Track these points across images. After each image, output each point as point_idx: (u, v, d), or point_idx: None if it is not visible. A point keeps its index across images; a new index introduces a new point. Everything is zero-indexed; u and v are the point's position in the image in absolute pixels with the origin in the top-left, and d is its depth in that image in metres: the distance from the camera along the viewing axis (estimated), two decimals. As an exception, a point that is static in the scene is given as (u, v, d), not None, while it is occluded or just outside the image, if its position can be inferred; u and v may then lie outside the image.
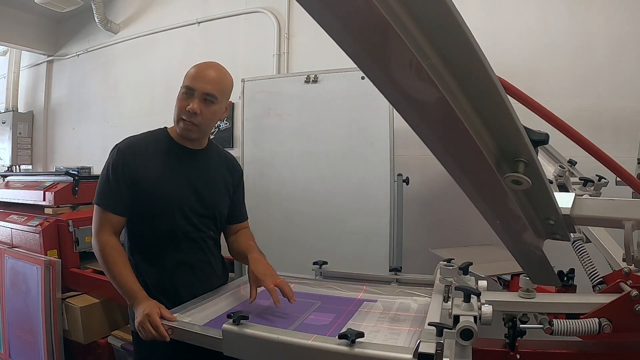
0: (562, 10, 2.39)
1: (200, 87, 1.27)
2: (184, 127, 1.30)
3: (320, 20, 0.43)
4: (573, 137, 1.25)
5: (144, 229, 1.33)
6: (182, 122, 1.30)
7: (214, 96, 1.29)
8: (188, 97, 1.27)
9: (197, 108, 1.27)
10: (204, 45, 3.54)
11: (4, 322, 2.49)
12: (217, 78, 1.31)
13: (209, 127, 1.37)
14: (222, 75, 1.34)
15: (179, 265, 1.34)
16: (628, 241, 0.82)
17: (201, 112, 1.28)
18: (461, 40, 0.46)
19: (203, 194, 1.37)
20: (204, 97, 1.28)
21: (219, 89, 1.31)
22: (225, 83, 1.35)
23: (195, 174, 1.37)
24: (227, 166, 1.49)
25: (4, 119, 4.71)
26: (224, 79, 1.34)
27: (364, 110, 2.33)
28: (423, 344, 0.76)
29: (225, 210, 1.46)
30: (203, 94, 1.27)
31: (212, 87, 1.28)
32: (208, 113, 1.30)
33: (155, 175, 1.31)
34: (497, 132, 0.58)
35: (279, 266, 1.68)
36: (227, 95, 1.36)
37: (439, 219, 2.69)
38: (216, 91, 1.29)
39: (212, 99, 1.29)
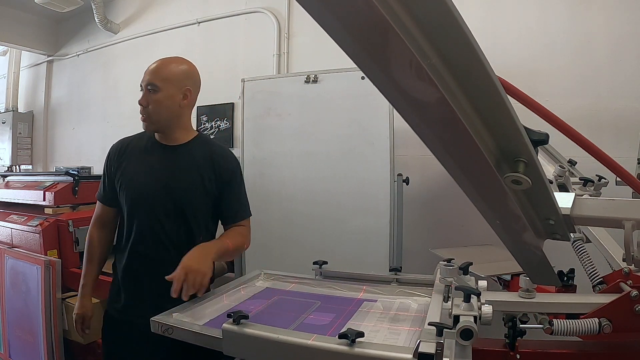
0: (562, 10, 2.39)
1: (145, 79, 1.35)
2: (142, 122, 1.39)
3: (320, 20, 0.43)
4: (573, 137, 1.25)
5: (121, 222, 1.45)
6: (141, 117, 1.38)
7: (154, 84, 1.34)
8: (142, 93, 1.36)
9: (143, 100, 1.34)
10: (204, 45, 3.54)
11: (4, 322, 2.49)
12: (156, 68, 1.36)
13: (160, 116, 1.37)
14: (165, 64, 1.37)
15: (143, 261, 1.37)
16: (628, 241, 0.82)
17: (147, 103, 1.34)
18: (461, 40, 0.46)
19: (174, 190, 1.37)
20: (147, 89, 1.35)
21: (159, 77, 1.34)
22: (167, 70, 1.36)
23: (167, 170, 1.39)
24: (212, 162, 1.42)
25: (4, 119, 4.71)
26: (165, 67, 1.37)
27: (364, 110, 2.33)
28: (423, 343, 0.76)
29: (201, 208, 1.40)
30: (145, 86, 1.35)
31: (151, 77, 1.34)
32: (152, 102, 1.35)
33: (131, 171, 1.41)
34: (497, 132, 0.58)
35: (279, 266, 1.69)
36: (173, 82, 1.36)
37: (439, 219, 2.69)
38: (156, 80, 1.34)
39: (154, 88, 1.34)
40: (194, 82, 1.44)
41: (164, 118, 1.38)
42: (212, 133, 3.42)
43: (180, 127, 1.43)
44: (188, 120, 1.47)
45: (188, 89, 1.40)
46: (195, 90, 1.45)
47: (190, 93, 1.41)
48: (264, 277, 1.52)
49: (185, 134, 1.44)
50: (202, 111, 3.48)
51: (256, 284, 1.47)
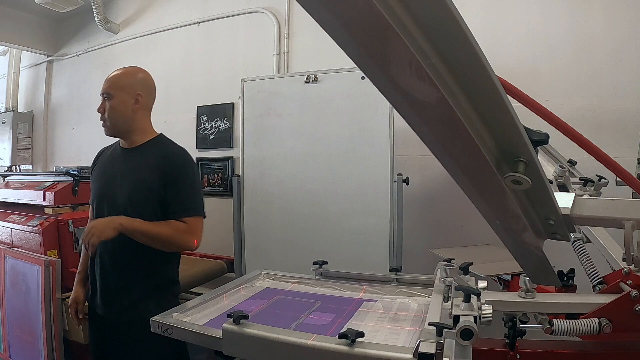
0: (562, 11, 2.39)
1: (102, 88, 1.51)
2: (104, 128, 1.54)
3: (320, 20, 0.43)
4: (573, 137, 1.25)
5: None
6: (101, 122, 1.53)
7: (108, 93, 1.50)
8: (102, 100, 1.51)
9: (100, 108, 1.51)
10: (204, 45, 3.54)
11: (4, 322, 2.49)
12: (110, 78, 1.53)
13: (115, 120, 1.50)
14: (117, 74, 1.53)
15: (99, 259, 1.51)
16: (628, 241, 0.82)
17: (103, 110, 1.51)
18: (461, 40, 0.46)
19: (121, 191, 1.48)
20: (104, 98, 1.51)
21: (111, 85, 1.51)
22: (118, 78, 1.52)
23: (119, 171, 1.53)
24: (158, 162, 1.47)
25: (4, 119, 4.71)
26: (117, 76, 1.53)
27: (364, 110, 2.33)
28: (423, 343, 0.76)
29: (146, 207, 1.45)
30: (102, 95, 1.51)
31: (105, 87, 1.51)
32: (107, 109, 1.50)
33: (95, 175, 1.61)
34: (497, 132, 0.58)
35: (279, 266, 1.69)
36: (124, 88, 1.50)
37: (439, 219, 2.69)
38: (108, 88, 1.50)
39: (107, 96, 1.50)
40: (146, 87, 1.55)
41: (119, 122, 1.51)
42: (212, 133, 3.42)
43: (136, 130, 1.54)
44: (143, 122, 1.56)
45: (139, 94, 1.52)
46: (148, 94, 1.55)
47: (142, 97, 1.52)
48: (264, 277, 1.52)
49: (142, 136, 1.55)
50: (202, 111, 3.48)
51: (256, 284, 1.47)
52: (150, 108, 1.59)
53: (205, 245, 1.41)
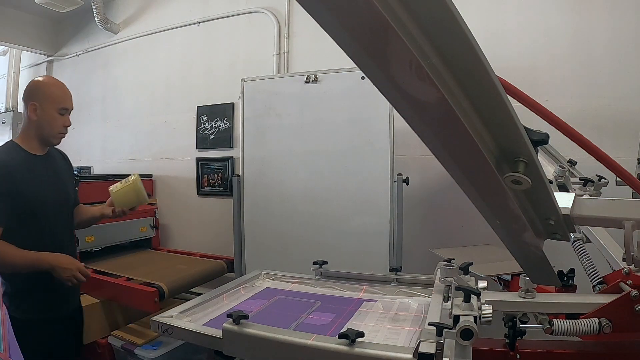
0: (562, 10, 2.39)
1: (72, 105, 1.68)
2: (60, 138, 1.63)
3: (320, 20, 0.43)
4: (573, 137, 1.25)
5: (22, 234, 1.49)
6: (60, 135, 1.62)
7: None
8: (63, 115, 1.62)
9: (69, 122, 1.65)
10: (204, 45, 3.54)
11: (4, 322, 2.49)
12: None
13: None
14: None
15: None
16: (628, 241, 0.82)
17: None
18: (461, 40, 0.46)
19: (65, 190, 1.67)
20: (69, 113, 1.66)
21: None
22: None
23: (55, 175, 1.64)
24: (65, 159, 1.78)
25: (4, 119, 4.70)
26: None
27: (364, 110, 2.33)
28: (423, 343, 0.76)
29: (73, 199, 1.74)
30: (70, 111, 1.67)
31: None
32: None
33: (33, 184, 1.53)
34: (497, 132, 0.58)
35: (279, 266, 1.69)
36: None
37: (439, 219, 2.69)
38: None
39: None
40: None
41: None
42: (212, 133, 3.42)
43: None
44: None
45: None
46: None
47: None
48: (264, 277, 1.52)
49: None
50: (202, 111, 3.48)
51: (256, 284, 1.47)
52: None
53: (205, 245, 1.41)
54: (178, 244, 3.51)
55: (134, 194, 1.68)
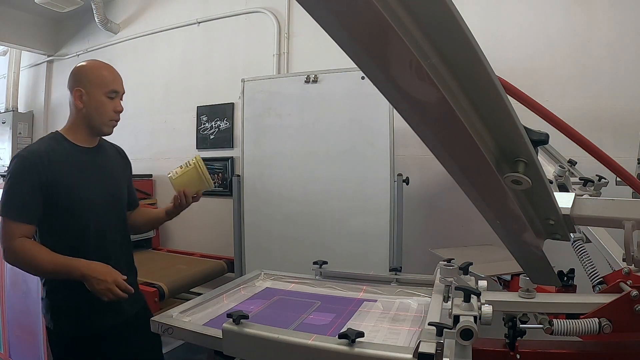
0: (561, 10, 2.40)
1: (122, 88, 1.44)
2: (112, 126, 1.44)
3: (320, 20, 0.43)
4: (573, 137, 1.25)
5: (62, 235, 1.33)
6: (111, 123, 1.42)
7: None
8: (113, 100, 1.40)
9: (121, 107, 1.43)
10: (204, 45, 3.54)
11: (4, 322, 2.49)
12: (119, 77, 1.46)
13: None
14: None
15: (110, 261, 1.34)
16: (628, 241, 0.82)
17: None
18: (461, 40, 0.46)
19: (116, 188, 1.49)
20: (120, 97, 1.44)
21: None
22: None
23: (104, 171, 1.46)
24: (121, 155, 1.61)
25: (4, 119, 4.71)
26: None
27: (364, 110, 2.33)
28: (423, 343, 0.76)
29: (126, 199, 1.57)
30: (122, 94, 1.45)
31: (122, 87, 1.45)
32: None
33: (73, 179, 1.34)
34: (497, 132, 0.58)
35: (279, 266, 1.69)
36: None
37: (439, 219, 2.69)
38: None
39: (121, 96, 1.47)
40: None
41: None
42: (212, 133, 3.42)
43: None
44: None
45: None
46: None
47: None
48: (264, 277, 1.52)
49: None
50: (202, 111, 3.48)
51: (256, 284, 1.47)
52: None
53: (205, 245, 1.41)
54: (178, 244, 3.51)
55: (197, 178, 1.48)
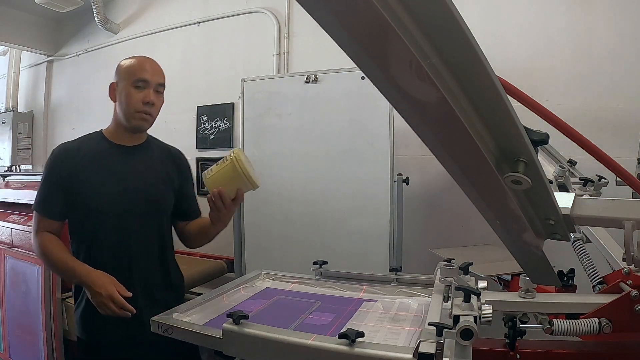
0: (562, 10, 2.40)
1: (155, 78, 1.32)
2: (140, 119, 1.32)
3: (320, 20, 0.43)
4: (573, 137, 1.25)
5: (80, 233, 1.32)
6: (138, 115, 1.31)
7: (163, 85, 1.36)
8: (141, 90, 1.30)
9: (155, 98, 1.32)
10: (204, 45, 3.54)
11: (4, 322, 2.49)
12: (158, 68, 1.38)
13: (155, 118, 1.40)
14: (158, 64, 1.40)
15: (131, 270, 1.31)
16: (628, 241, 0.82)
17: (155, 103, 1.33)
18: (461, 40, 0.46)
19: (152, 192, 1.36)
20: (156, 88, 1.33)
21: (164, 78, 1.38)
22: (162, 70, 1.41)
23: (139, 172, 1.36)
24: (173, 158, 1.47)
25: (4, 119, 4.71)
26: (161, 68, 1.40)
27: (364, 110, 2.33)
28: (423, 343, 0.76)
29: (169, 206, 1.43)
30: (157, 84, 1.33)
31: (163, 78, 1.36)
32: (159, 103, 1.37)
33: (96, 177, 1.30)
34: (497, 132, 0.58)
35: (279, 266, 1.69)
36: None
37: (439, 219, 2.69)
38: (163, 80, 1.37)
39: (162, 89, 1.36)
40: None
41: (155, 118, 1.40)
42: (212, 133, 3.42)
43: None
44: None
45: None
46: None
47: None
48: (264, 277, 1.52)
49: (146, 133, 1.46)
50: (202, 111, 3.48)
51: (256, 284, 1.47)
52: None
53: (206, 246, 1.41)
54: (178, 244, 3.51)
55: (235, 176, 1.18)
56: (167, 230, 1.44)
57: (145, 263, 1.35)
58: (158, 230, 1.39)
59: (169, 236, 1.46)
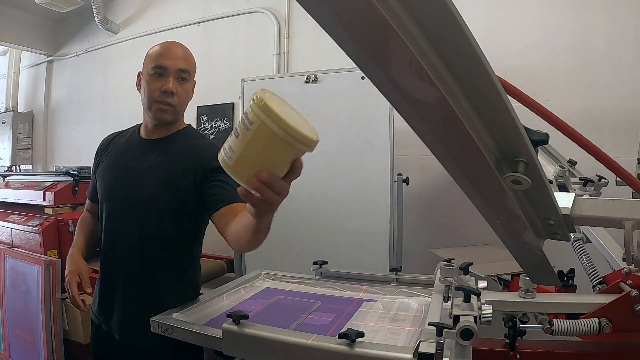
0: (562, 10, 2.39)
1: (173, 64, 1.19)
2: (159, 109, 1.20)
3: (320, 20, 0.43)
4: (573, 137, 1.25)
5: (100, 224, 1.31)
6: (156, 105, 1.19)
7: (188, 72, 1.23)
8: (159, 78, 1.19)
9: (173, 87, 1.19)
10: (204, 45, 3.54)
11: (4, 322, 2.49)
12: (186, 53, 1.24)
13: (183, 107, 1.27)
14: (189, 52, 1.27)
15: (125, 271, 1.23)
16: (628, 241, 0.82)
17: (177, 91, 1.20)
18: (461, 40, 0.46)
19: (150, 186, 1.19)
20: (178, 75, 1.20)
21: (190, 64, 1.25)
22: (193, 59, 1.28)
23: (138, 165, 1.23)
24: (198, 154, 1.22)
25: (4, 119, 4.71)
26: (191, 55, 1.27)
27: (364, 110, 2.33)
28: (423, 343, 0.76)
29: (165, 205, 1.20)
30: (177, 71, 1.20)
31: (185, 63, 1.22)
32: (183, 92, 1.22)
33: (106, 166, 1.30)
34: (497, 132, 0.58)
35: (279, 266, 1.69)
36: (194, 72, 1.28)
37: (439, 219, 2.69)
38: (189, 67, 1.23)
39: (186, 76, 1.23)
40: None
41: (183, 109, 1.28)
42: (212, 133, 3.42)
43: (179, 121, 1.31)
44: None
45: (195, 81, 1.30)
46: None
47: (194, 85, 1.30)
48: (264, 277, 1.52)
49: (175, 125, 1.31)
50: (202, 111, 3.48)
51: (256, 284, 1.47)
52: None
53: (206, 246, 1.41)
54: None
55: (278, 142, 0.68)
56: (170, 230, 1.22)
57: (143, 265, 1.21)
58: (166, 229, 1.21)
59: (174, 237, 1.23)
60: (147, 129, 1.30)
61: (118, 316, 1.23)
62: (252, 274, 1.52)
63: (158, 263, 1.22)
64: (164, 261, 1.22)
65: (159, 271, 1.22)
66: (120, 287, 1.24)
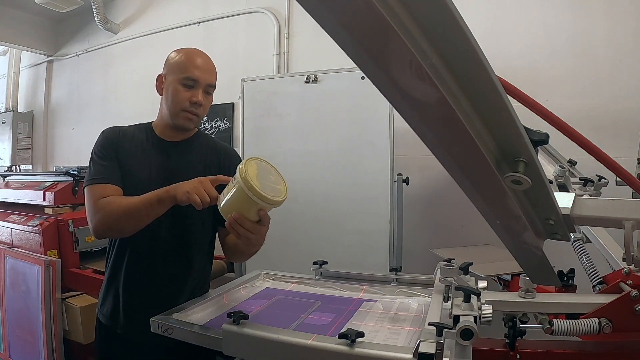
0: (563, 10, 2.40)
1: (205, 78, 1.25)
2: (186, 118, 1.25)
3: (320, 20, 0.43)
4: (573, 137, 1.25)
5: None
6: (184, 114, 1.24)
7: (214, 87, 1.29)
8: (190, 88, 1.23)
9: (203, 99, 1.25)
10: (204, 45, 3.52)
11: (4, 322, 2.49)
12: (214, 67, 1.31)
13: (203, 117, 1.34)
14: (212, 62, 1.33)
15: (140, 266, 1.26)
16: (628, 241, 0.82)
17: (203, 104, 1.26)
18: (461, 40, 0.46)
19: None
20: (206, 89, 1.26)
21: (216, 78, 1.31)
22: (215, 69, 1.33)
23: (165, 169, 1.27)
24: (217, 160, 1.34)
25: (4, 119, 4.71)
26: (214, 66, 1.33)
27: (364, 110, 2.33)
28: (423, 343, 0.76)
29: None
30: (207, 85, 1.26)
31: (214, 78, 1.29)
32: (207, 104, 1.29)
33: (129, 165, 1.26)
34: (497, 132, 0.58)
35: (279, 266, 1.69)
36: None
37: (439, 219, 2.69)
38: (215, 81, 1.30)
39: (212, 90, 1.29)
40: None
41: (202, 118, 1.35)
42: (212, 133, 3.42)
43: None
44: None
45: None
46: None
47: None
48: (264, 277, 1.52)
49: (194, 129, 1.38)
50: (202, 111, 3.48)
51: (256, 284, 1.47)
52: None
53: (205, 246, 1.40)
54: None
55: (249, 200, 1.00)
56: (207, 226, 1.34)
57: (172, 258, 1.29)
58: (196, 227, 1.31)
59: (208, 236, 1.37)
60: (163, 129, 1.32)
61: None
62: (252, 274, 1.52)
63: (194, 262, 1.34)
64: (199, 259, 1.35)
65: (196, 264, 1.34)
66: (157, 286, 1.27)
